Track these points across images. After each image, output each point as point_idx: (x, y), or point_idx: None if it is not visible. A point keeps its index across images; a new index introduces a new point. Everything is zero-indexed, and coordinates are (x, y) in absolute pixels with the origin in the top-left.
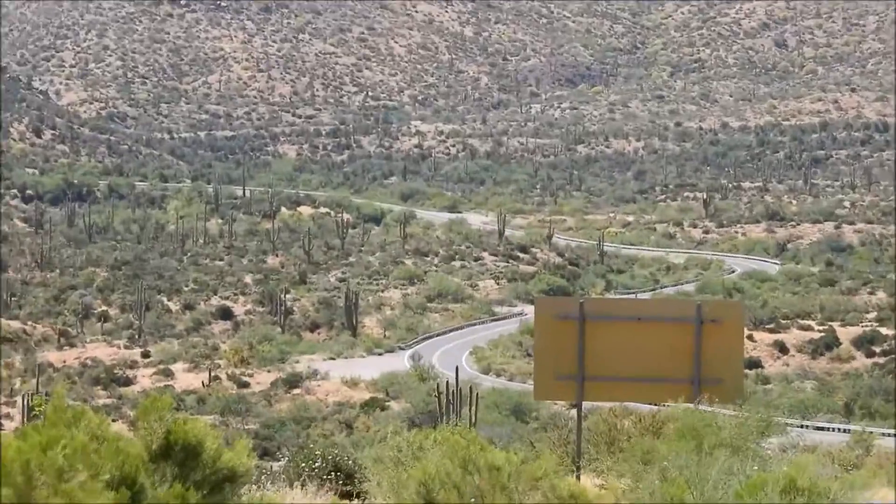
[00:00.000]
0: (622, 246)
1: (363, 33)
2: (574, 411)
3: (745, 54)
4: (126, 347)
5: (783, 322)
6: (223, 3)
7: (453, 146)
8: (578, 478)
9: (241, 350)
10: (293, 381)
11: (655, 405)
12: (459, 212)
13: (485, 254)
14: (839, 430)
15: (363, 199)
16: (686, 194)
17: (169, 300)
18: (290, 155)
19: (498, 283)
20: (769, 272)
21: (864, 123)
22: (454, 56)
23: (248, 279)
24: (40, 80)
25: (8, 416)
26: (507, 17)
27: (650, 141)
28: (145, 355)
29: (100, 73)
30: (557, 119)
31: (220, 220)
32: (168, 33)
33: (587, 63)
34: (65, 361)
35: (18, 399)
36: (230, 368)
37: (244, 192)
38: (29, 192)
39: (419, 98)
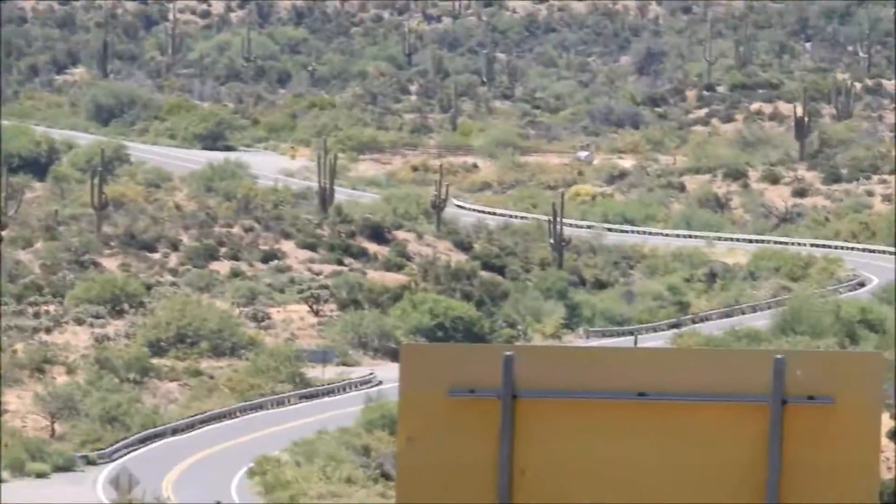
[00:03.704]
0: (607, 225)
1: None
2: None
3: None
4: None
5: None
6: None
7: None
8: None
9: None
10: None
11: None
12: (232, 147)
13: (289, 244)
14: None
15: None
16: (756, 106)
17: None
18: None
19: (317, 312)
20: None
21: None
22: None
23: None
24: None
25: None
26: None
27: None
28: None
29: None
30: None
31: None
32: None
33: None
34: None
35: None
36: None
37: None
38: None
39: None
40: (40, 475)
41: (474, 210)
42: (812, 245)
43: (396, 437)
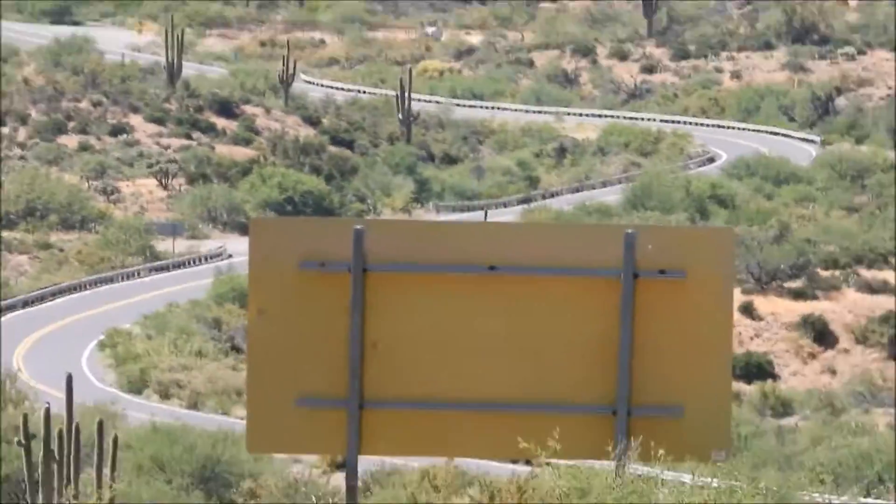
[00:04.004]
0: (456, 101)
1: None
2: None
3: None
4: None
5: (826, 276)
6: None
7: None
8: None
9: None
10: None
11: (529, 464)
12: (79, 22)
13: (138, 118)
14: None
15: None
16: None
17: None
18: None
19: (166, 186)
20: (795, 161)
21: None
22: None
23: None
24: None
25: None
26: None
27: None
28: None
29: None
30: None
31: None
32: None
33: None
34: None
35: None
36: None
37: None
38: None
39: None
40: None
41: (322, 85)
42: (661, 121)
43: (247, 310)
